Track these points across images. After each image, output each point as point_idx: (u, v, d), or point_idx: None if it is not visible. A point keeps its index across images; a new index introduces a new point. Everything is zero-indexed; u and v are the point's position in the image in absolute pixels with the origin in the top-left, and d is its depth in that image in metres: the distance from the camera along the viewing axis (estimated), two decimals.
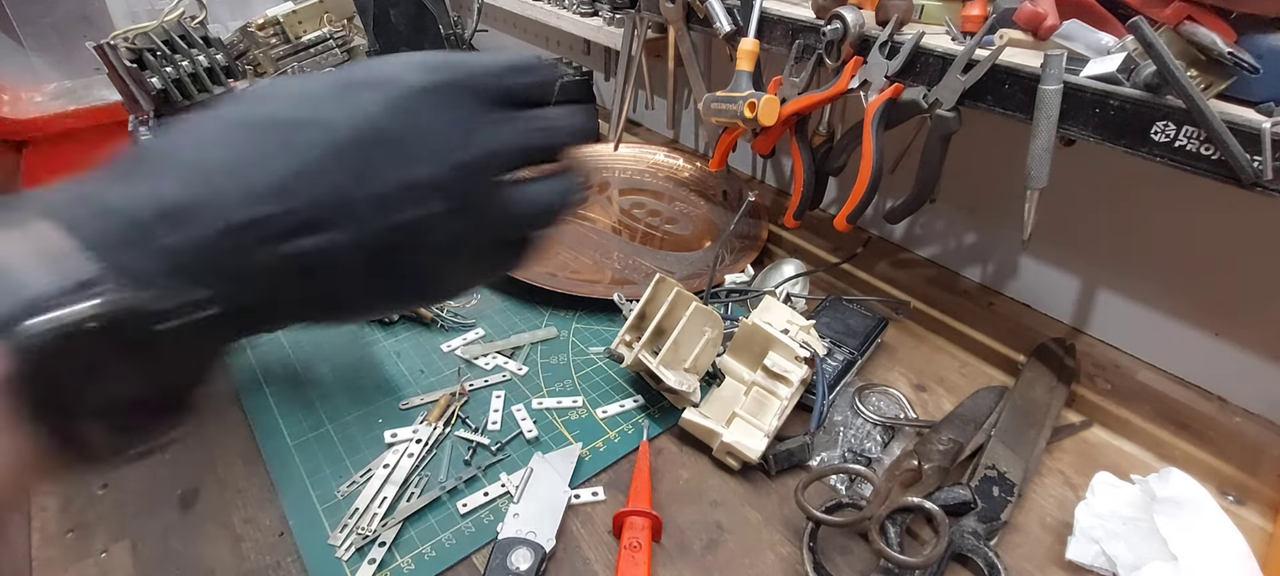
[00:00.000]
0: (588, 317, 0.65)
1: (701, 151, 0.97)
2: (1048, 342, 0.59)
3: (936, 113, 0.53)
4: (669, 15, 0.77)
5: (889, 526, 0.42)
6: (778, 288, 0.64)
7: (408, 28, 0.82)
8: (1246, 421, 0.52)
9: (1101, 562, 0.42)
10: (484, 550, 0.44)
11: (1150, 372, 0.57)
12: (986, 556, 0.42)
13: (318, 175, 0.22)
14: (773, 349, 0.51)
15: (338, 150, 0.22)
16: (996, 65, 0.49)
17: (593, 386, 0.57)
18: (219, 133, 0.23)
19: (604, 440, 0.52)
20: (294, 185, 0.22)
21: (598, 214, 0.82)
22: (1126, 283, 0.59)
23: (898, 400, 0.56)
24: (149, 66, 0.68)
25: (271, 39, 1.08)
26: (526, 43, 1.29)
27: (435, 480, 0.48)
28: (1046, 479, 0.50)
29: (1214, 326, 0.54)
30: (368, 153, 0.22)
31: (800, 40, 0.64)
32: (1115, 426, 0.54)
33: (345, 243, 0.22)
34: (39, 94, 1.26)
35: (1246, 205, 0.46)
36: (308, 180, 0.22)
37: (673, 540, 0.45)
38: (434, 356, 0.60)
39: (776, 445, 0.49)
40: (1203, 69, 0.43)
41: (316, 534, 0.44)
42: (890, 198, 0.63)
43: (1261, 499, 0.48)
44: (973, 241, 0.69)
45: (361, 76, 0.24)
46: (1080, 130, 0.47)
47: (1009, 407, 0.52)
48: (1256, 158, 0.40)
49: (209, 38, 0.72)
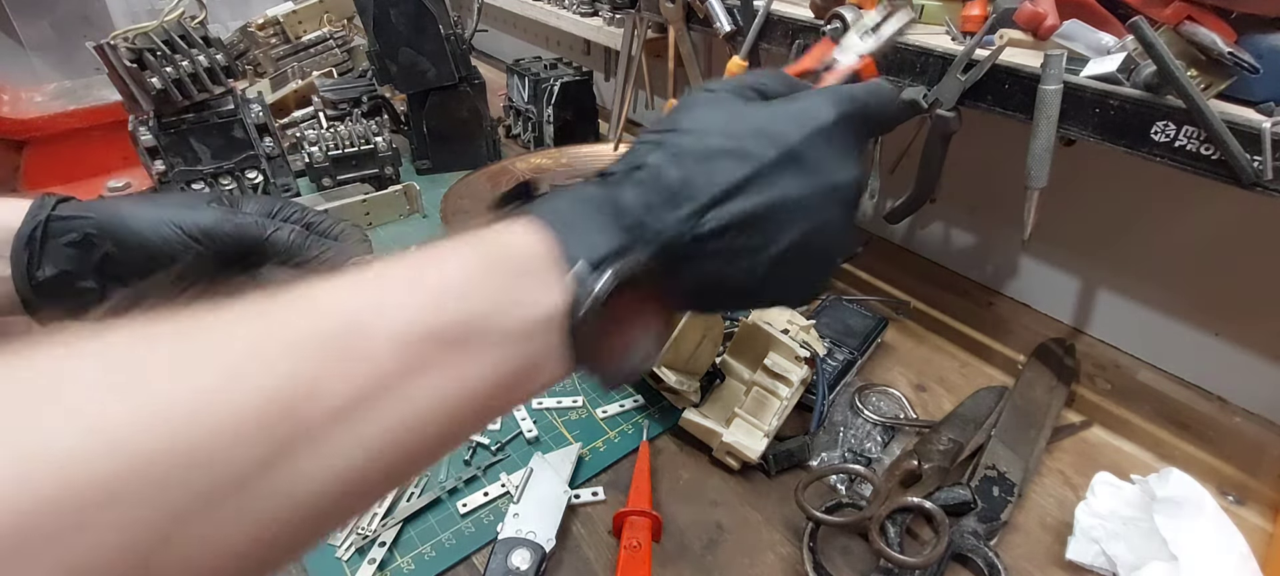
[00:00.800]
0: None
1: None
2: (1048, 342, 0.59)
3: (936, 113, 0.53)
4: (669, 15, 0.77)
5: (889, 526, 0.42)
6: None
7: (408, 28, 0.82)
8: (1246, 421, 0.52)
9: (1101, 562, 0.42)
10: (484, 550, 0.44)
11: (1150, 372, 0.57)
12: (986, 556, 0.42)
13: (772, 168, 0.27)
14: (773, 349, 0.51)
15: (786, 157, 0.27)
16: (996, 65, 0.49)
17: (593, 386, 0.57)
18: (697, 146, 0.27)
19: (604, 440, 0.52)
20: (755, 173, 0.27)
21: None
22: (1126, 282, 0.59)
23: (898, 400, 0.56)
24: (149, 66, 0.68)
25: (271, 39, 1.08)
26: (526, 43, 1.29)
27: (435, 480, 0.48)
28: (1046, 479, 0.50)
29: (1214, 326, 0.54)
30: (802, 160, 0.28)
31: (800, 40, 0.64)
32: (1115, 426, 0.54)
33: (783, 214, 0.27)
34: (39, 94, 1.26)
35: (1246, 205, 0.46)
36: (763, 176, 0.27)
37: (673, 540, 0.45)
38: None
39: (776, 445, 0.49)
40: (1203, 69, 0.43)
41: None
42: (890, 198, 0.63)
43: (1261, 499, 0.48)
44: (973, 241, 0.69)
45: (787, 112, 0.29)
46: (1080, 130, 0.47)
47: (1009, 407, 0.52)
48: (1256, 158, 0.40)
49: (209, 38, 0.72)
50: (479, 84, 0.91)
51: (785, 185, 0.27)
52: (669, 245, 0.25)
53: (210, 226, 0.40)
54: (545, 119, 0.96)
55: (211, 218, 0.40)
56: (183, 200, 0.42)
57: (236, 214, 0.41)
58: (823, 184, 0.28)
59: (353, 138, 0.82)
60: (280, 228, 0.41)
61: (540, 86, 0.95)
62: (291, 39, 1.08)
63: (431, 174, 0.93)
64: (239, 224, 0.40)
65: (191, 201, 0.42)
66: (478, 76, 0.91)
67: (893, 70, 0.57)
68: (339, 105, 0.96)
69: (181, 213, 0.40)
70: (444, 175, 0.92)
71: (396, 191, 0.81)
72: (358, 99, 0.96)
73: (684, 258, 0.26)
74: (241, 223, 0.40)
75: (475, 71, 0.91)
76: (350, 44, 1.10)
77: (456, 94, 0.88)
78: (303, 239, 0.41)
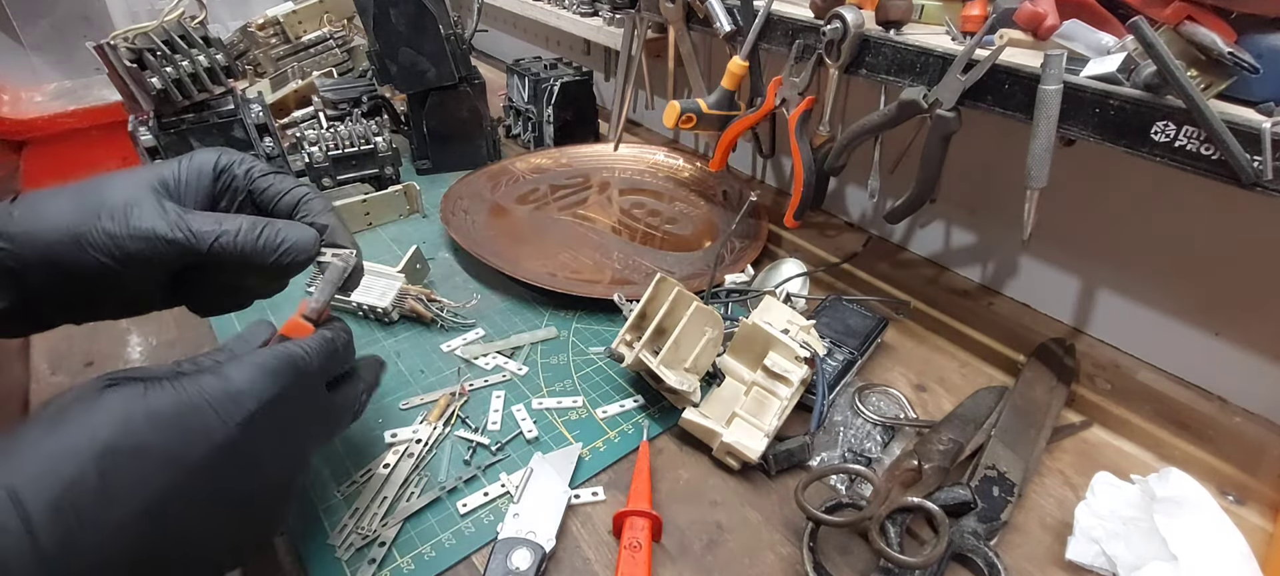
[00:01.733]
0: (588, 317, 0.65)
1: (701, 151, 0.97)
2: (1048, 342, 0.59)
3: (936, 113, 0.53)
4: (669, 15, 0.77)
5: (889, 526, 0.42)
6: (778, 288, 0.64)
7: (408, 28, 0.82)
8: (1246, 421, 0.52)
9: (1101, 562, 0.42)
10: (484, 550, 0.44)
11: (1150, 372, 0.57)
12: (986, 556, 0.42)
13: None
14: (773, 349, 0.51)
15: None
16: (996, 65, 0.49)
17: (593, 386, 0.57)
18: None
19: (604, 440, 0.52)
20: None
21: (598, 214, 0.82)
22: (1126, 282, 0.59)
23: (898, 400, 0.56)
24: (149, 66, 0.68)
25: (271, 39, 1.08)
26: (526, 43, 1.29)
27: (435, 480, 0.48)
28: (1046, 479, 0.50)
29: (1214, 326, 0.54)
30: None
31: (800, 40, 0.64)
32: (1115, 426, 0.54)
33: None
34: (39, 94, 1.26)
35: (1246, 205, 0.46)
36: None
37: (673, 540, 0.45)
38: (434, 356, 0.60)
39: (776, 445, 0.49)
40: (1203, 69, 0.43)
41: (316, 534, 0.44)
42: (890, 197, 0.63)
43: (1261, 499, 0.48)
44: (973, 241, 0.69)
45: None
46: (1080, 130, 0.47)
47: (1009, 407, 0.52)
48: (1256, 158, 0.40)
49: (209, 38, 0.72)
50: (479, 84, 0.91)
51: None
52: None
53: (137, 248, 0.36)
54: (545, 119, 0.96)
55: (144, 229, 0.36)
56: (124, 198, 0.37)
57: (185, 219, 0.37)
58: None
59: (353, 138, 0.82)
60: (224, 234, 0.37)
61: (540, 86, 0.95)
62: (291, 39, 1.08)
63: (431, 174, 0.93)
64: (170, 241, 0.36)
65: (135, 197, 0.37)
66: (478, 76, 0.91)
67: (893, 71, 0.57)
68: (339, 105, 0.96)
69: (98, 222, 0.36)
70: (444, 175, 0.92)
71: (396, 191, 0.81)
72: (358, 99, 0.96)
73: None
74: (173, 239, 0.36)
75: (475, 71, 0.91)
76: (350, 44, 1.10)
77: (456, 94, 0.88)
78: (252, 236, 0.38)
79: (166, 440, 0.30)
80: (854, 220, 0.80)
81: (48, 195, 0.37)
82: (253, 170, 0.42)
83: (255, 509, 0.34)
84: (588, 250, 0.75)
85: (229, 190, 0.42)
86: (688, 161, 0.92)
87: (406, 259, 0.65)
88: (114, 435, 0.29)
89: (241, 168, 0.42)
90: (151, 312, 0.43)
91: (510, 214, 0.82)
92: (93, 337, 0.62)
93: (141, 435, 0.29)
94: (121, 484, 0.28)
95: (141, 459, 0.29)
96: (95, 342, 0.62)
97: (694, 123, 0.73)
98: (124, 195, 0.37)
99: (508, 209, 0.83)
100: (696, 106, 0.73)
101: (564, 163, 0.93)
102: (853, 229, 0.79)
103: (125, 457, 0.28)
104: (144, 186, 0.38)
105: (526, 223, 0.80)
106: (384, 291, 0.63)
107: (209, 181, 0.41)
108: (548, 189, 0.88)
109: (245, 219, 0.39)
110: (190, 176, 0.40)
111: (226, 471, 0.31)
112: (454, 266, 0.73)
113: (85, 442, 0.28)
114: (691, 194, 0.87)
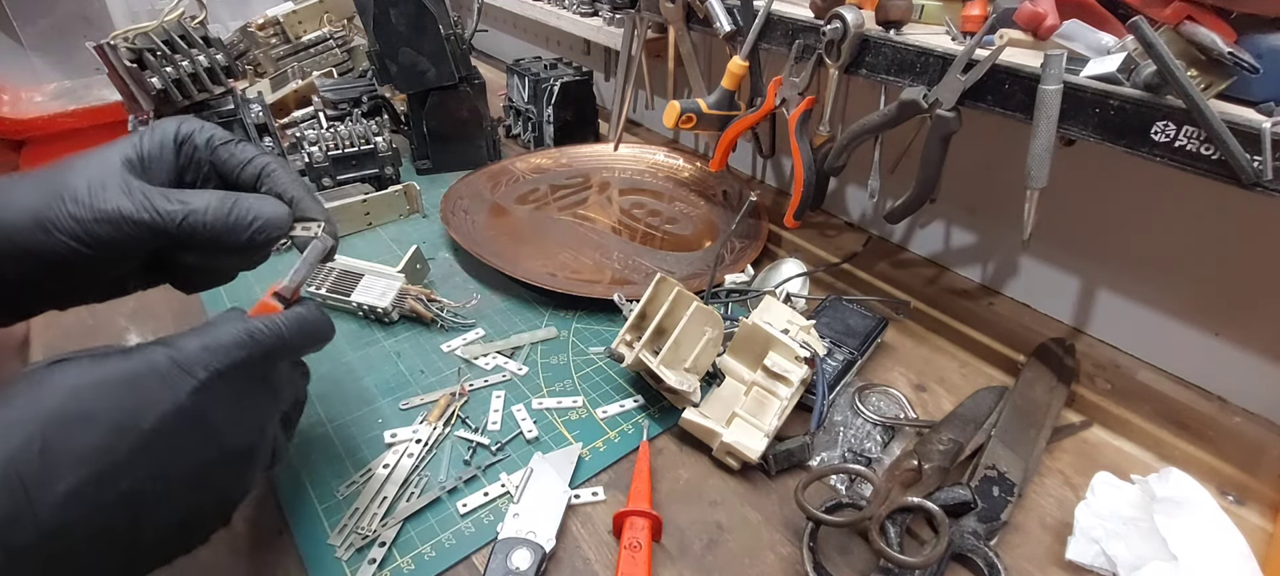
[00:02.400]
0: (588, 317, 0.65)
1: (701, 151, 0.97)
2: (1048, 342, 0.59)
3: (936, 113, 0.53)
4: (669, 15, 0.77)
5: (889, 526, 0.42)
6: (778, 288, 0.64)
7: (408, 28, 0.82)
8: (1246, 421, 0.52)
9: (1101, 562, 0.42)
10: (484, 550, 0.44)
11: (1150, 372, 0.57)
12: (986, 556, 0.42)
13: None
14: (773, 349, 0.51)
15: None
16: (996, 65, 0.49)
17: (593, 386, 0.57)
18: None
19: (604, 440, 0.52)
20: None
21: (598, 214, 0.82)
22: (1126, 283, 0.59)
23: (898, 400, 0.56)
24: (149, 66, 0.68)
25: (271, 39, 1.08)
26: (526, 43, 1.29)
27: (435, 480, 0.48)
28: (1046, 479, 0.50)
29: (1214, 326, 0.54)
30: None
31: (800, 40, 0.64)
32: (1115, 426, 0.54)
33: None
34: (39, 94, 1.27)
35: (1246, 205, 0.46)
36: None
37: (673, 540, 0.45)
38: (434, 356, 0.60)
39: (776, 445, 0.49)
40: (1203, 69, 0.43)
41: (316, 534, 0.44)
42: (890, 198, 0.63)
43: (1261, 499, 0.48)
44: (973, 241, 0.69)
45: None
46: (1080, 130, 0.47)
47: (1009, 407, 0.52)
48: (1256, 158, 0.40)
49: (209, 38, 0.72)
50: (479, 84, 0.91)
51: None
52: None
53: (105, 231, 0.35)
54: (545, 119, 0.96)
55: (109, 211, 0.35)
56: (89, 179, 0.36)
57: (151, 198, 0.36)
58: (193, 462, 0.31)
59: (353, 138, 0.82)
60: (192, 213, 0.36)
61: (540, 86, 0.95)
62: (291, 39, 1.08)
63: (431, 174, 0.93)
64: (137, 221, 0.35)
65: (101, 177, 0.36)
66: (478, 76, 0.91)
67: (893, 71, 0.57)
68: (339, 105, 0.96)
69: (63, 205, 0.35)
70: (444, 175, 0.92)
71: (396, 191, 0.81)
72: (358, 99, 0.96)
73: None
74: (138, 220, 0.35)
75: (475, 71, 0.91)
76: (350, 44, 1.10)
77: (456, 94, 0.88)
78: (222, 212, 0.37)
79: (115, 407, 0.29)
80: (854, 220, 0.81)
81: (11, 181, 0.36)
82: (213, 138, 0.40)
83: (213, 478, 0.33)
84: (588, 250, 0.75)
85: (193, 163, 0.40)
86: (688, 161, 0.92)
87: (406, 259, 0.65)
88: (61, 403, 0.28)
89: (202, 137, 0.40)
90: (139, 294, 0.42)
91: (510, 214, 0.82)
92: (92, 333, 0.62)
93: (88, 403, 0.29)
94: (69, 451, 0.27)
95: (89, 426, 0.28)
96: (95, 336, 0.62)
97: (694, 123, 0.73)
98: (88, 176, 0.36)
99: (508, 209, 0.83)
100: (696, 106, 0.73)
101: (564, 163, 0.93)
102: (853, 229, 0.79)
103: (73, 425, 0.28)
104: (111, 165, 0.36)
105: (526, 223, 0.80)
106: (384, 291, 0.63)
107: (171, 154, 0.39)
108: (548, 189, 0.88)
109: (213, 195, 0.37)
110: (153, 150, 0.39)
111: (180, 439, 0.31)
112: (454, 266, 0.73)
113: (30, 413, 0.27)
114: (691, 194, 0.87)
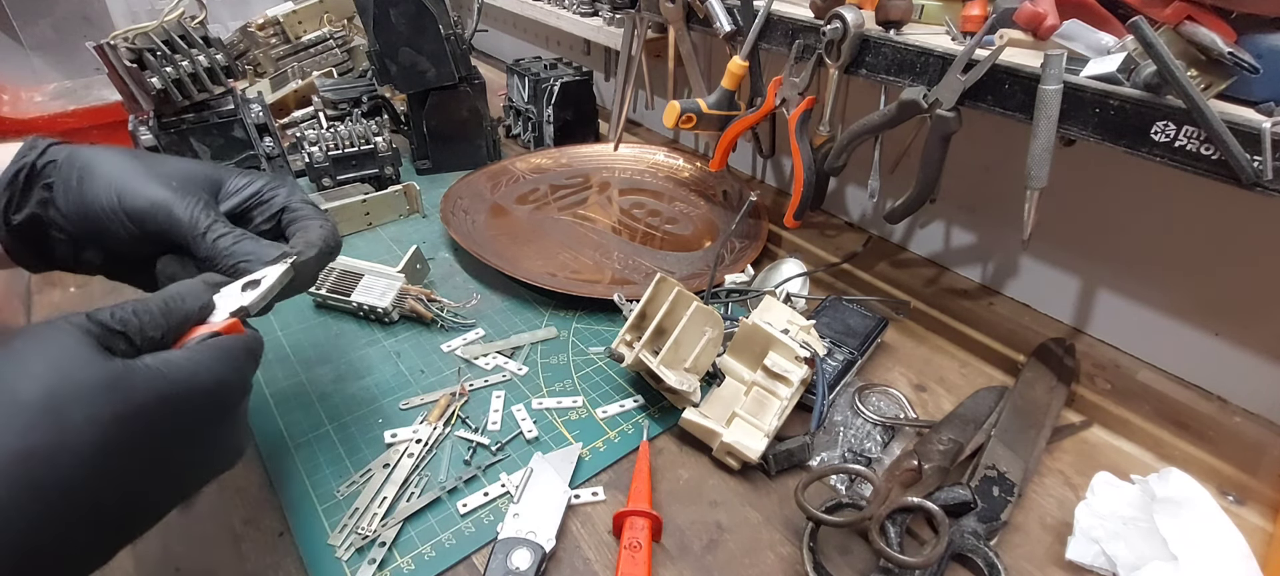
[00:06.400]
0: (588, 317, 0.65)
1: (701, 151, 0.97)
2: (1048, 342, 0.59)
3: (936, 113, 0.53)
4: (669, 15, 0.77)
5: (889, 526, 0.42)
6: (778, 287, 0.64)
7: (408, 28, 0.82)
8: (1246, 421, 0.52)
9: (1101, 562, 0.42)
10: (484, 550, 0.44)
11: (1150, 372, 0.57)
12: (986, 556, 0.42)
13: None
14: (773, 349, 0.51)
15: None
16: (996, 65, 0.49)
17: (593, 386, 0.57)
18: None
19: (604, 440, 0.52)
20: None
21: (598, 214, 0.82)
22: (1126, 283, 0.59)
23: (898, 400, 0.56)
24: (149, 66, 0.68)
25: (271, 39, 1.08)
26: (526, 43, 1.29)
27: (435, 480, 0.48)
28: (1046, 479, 0.50)
29: (1214, 326, 0.55)
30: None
31: (800, 40, 0.64)
32: (1115, 426, 0.54)
33: None
34: (39, 94, 1.27)
35: (1246, 205, 0.46)
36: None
37: (673, 540, 0.45)
38: (434, 356, 0.60)
39: (776, 445, 0.49)
40: (1203, 69, 0.43)
41: (316, 534, 0.44)
42: (890, 197, 0.63)
43: (1261, 499, 0.48)
44: (973, 241, 0.69)
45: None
46: (1080, 130, 0.47)
47: (1009, 407, 0.52)
48: (1256, 158, 0.40)
49: (209, 38, 0.72)
50: (479, 84, 0.91)
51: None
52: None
53: (144, 210, 0.38)
54: (545, 119, 0.96)
55: (148, 201, 0.38)
56: (149, 166, 0.40)
57: (179, 200, 0.39)
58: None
59: (353, 138, 0.82)
60: (214, 232, 0.39)
61: (540, 86, 0.95)
62: (291, 39, 1.08)
63: (431, 174, 0.93)
64: (173, 217, 0.38)
65: (155, 169, 0.40)
66: (478, 76, 0.91)
67: (893, 71, 0.57)
68: (339, 105, 0.96)
69: (134, 182, 0.38)
70: (444, 175, 0.92)
71: (396, 191, 0.81)
72: (358, 99, 0.96)
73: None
74: (175, 217, 0.38)
75: (475, 71, 0.91)
76: (350, 44, 1.10)
77: (456, 94, 0.88)
78: (231, 244, 0.39)
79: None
80: (854, 220, 0.81)
81: (106, 151, 0.40)
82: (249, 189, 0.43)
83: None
84: (588, 250, 0.75)
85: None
86: (688, 161, 0.92)
87: (406, 259, 0.65)
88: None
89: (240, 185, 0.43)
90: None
91: (510, 214, 0.82)
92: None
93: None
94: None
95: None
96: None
97: (694, 123, 0.73)
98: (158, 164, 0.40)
99: (508, 209, 0.83)
100: (696, 106, 0.73)
101: (564, 163, 0.93)
102: (853, 229, 0.79)
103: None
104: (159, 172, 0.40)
105: (526, 223, 0.80)
106: (384, 291, 0.63)
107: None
108: (548, 189, 0.88)
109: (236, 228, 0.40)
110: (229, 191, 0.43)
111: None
112: (454, 266, 0.73)
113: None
114: (691, 194, 0.87)
